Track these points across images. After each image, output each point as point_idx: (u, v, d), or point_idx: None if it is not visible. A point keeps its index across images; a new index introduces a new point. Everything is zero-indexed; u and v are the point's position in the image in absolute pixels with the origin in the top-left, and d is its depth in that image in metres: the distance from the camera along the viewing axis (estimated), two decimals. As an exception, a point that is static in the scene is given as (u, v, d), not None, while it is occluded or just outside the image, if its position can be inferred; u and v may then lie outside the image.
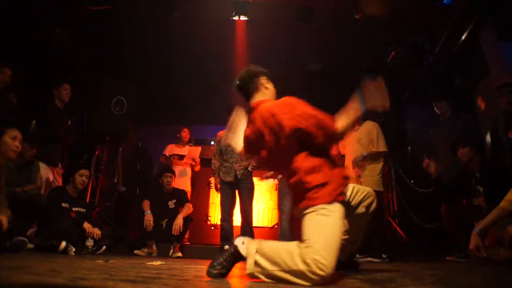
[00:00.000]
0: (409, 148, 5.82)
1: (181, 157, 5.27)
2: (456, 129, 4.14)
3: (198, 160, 5.25)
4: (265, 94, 2.13)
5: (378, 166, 4.08)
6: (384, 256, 3.82)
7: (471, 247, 2.64)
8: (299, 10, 4.86)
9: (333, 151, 4.82)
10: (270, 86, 2.17)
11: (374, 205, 2.11)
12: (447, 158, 3.94)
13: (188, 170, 5.21)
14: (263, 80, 2.16)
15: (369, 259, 3.85)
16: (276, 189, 5.78)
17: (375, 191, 3.91)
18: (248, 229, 4.19)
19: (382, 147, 4.07)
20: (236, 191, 4.27)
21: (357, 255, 4.05)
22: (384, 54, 5.48)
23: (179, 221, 4.09)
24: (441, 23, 4.71)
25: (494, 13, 4.17)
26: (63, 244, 3.18)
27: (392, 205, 5.14)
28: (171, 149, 5.41)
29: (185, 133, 5.45)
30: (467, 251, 3.12)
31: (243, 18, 4.97)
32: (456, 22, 4.53)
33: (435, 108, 4.53)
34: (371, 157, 4.05)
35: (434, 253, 3.82)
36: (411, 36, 5.11)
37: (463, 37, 4.61)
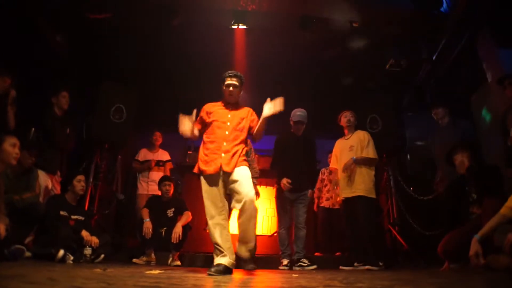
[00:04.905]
0: (408, 155, 5.82)
1: (157, 162, 5.43)
2: (455, 137, 4.14)
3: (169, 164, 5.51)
4: None
5: (370, 173, 4.12)
6: (380, 264, 3.80)
7: (471, 253, 2.63)
8: (298, 19, 4.89)
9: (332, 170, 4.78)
10: None
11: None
12: (445, 165, 3.93)
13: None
14: None
15: (367, 267, 3.82)
16: (274, 197, 5.75)
17: (368, 197, 3.98)
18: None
19: (372, 154, 4.13)
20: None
21: (355, 263, 4.02)
22: (382, 62, 5.51)
23: (178, 229, 4.07)
24: (438, 30, 4.75)
25: (491, 20, 4.21)
26: (61, 252, 3.16)
27: (391, 212, 5.12)
28: (145, 154, 5.47)
29: (156, 137, 5.53)
30: (461, 263, 3.10)
31: (242, 26, 5.00)
32: (453, 29, 4.56)
33: (432, 115, 4.55)
34: (361, 162, 4.09)
35: (434, 260, 3.79)
36: (409, 44, 5.15)
37: (460, 45, 4.65)
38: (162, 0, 4.72)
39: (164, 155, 5.56)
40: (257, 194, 4.28)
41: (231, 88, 3.07)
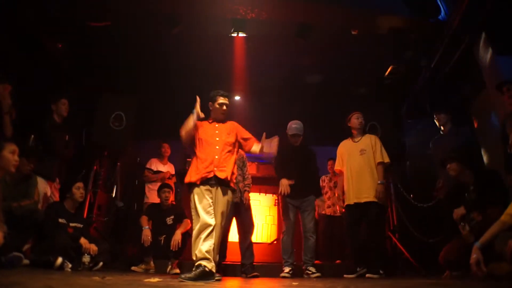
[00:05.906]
0: (408, 162, 5.82)
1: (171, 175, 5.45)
2: (457, 143, 4.14)
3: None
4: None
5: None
6: (381, 272, 3.76)
7: (471, 261, 2.61)
8: (296, 27, 4.91)
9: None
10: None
11: None
12: (446, 172, 3.92)
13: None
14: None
15: (368, 275, 3.78)
16: (275, 205, 5.74)
17: (379, 204, 3.91)
18: (250, 245, 4.17)
19: (387, 158, 4.03)
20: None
21: (358, 268, 3.96)
22: (381, 69, 5.54)
23: (177, 237, 4.04)
24: (436, 38, 4.78)
25: (489, 28, 4.23)
26: (59, 260, 3.14)
27: (391, 219, 5.11)
28: (156, 165, 5.47)
29: (165, 148, 5.56)
30: (462, 270, 3.08)
31: (241, 34, 5.03)
32: (451, 37, 4.59)
33: (435, 120, 4.54)
34: (385, 175, 4.00)
35: (435, 268, 3.76)
36: (408, 51, 5.17)
37: (458, 52, 4.67)
38: (162, 9, 4.75)
39: (172, 167, 5.60)
40: (248, 200, 4.31)
41: (224, 107, 3.27)
